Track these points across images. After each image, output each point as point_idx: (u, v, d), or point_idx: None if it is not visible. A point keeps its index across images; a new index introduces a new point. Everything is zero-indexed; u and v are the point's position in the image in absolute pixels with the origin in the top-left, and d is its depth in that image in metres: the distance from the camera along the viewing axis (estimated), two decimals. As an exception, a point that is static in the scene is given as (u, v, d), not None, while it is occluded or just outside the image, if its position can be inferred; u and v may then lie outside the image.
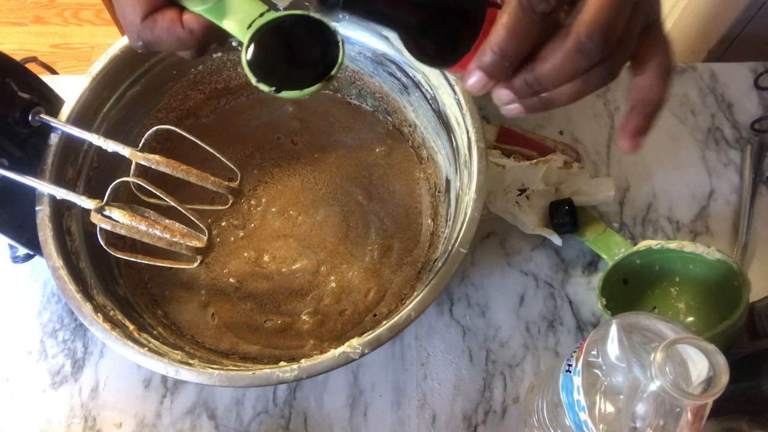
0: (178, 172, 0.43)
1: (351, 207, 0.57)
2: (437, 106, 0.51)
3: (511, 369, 0.53)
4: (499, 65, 0.30)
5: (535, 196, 0.56)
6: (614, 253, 0.54)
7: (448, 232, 0.49)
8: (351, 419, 0.51)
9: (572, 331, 0.54)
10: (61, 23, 1.78)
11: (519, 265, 0.57)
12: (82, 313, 0.42)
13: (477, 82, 0.31)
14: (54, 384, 0.53)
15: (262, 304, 0.53)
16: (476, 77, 0.31)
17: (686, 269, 0.51)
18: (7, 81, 0.43)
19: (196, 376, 0.40)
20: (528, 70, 0.31)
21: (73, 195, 0.43)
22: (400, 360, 0.53)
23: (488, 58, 0.30)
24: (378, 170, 0.58)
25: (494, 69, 0.30)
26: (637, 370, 0.34)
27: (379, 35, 0.51)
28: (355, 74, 0.57)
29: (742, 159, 0.61)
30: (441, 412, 0.52)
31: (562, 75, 0.31)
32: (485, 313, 0.55)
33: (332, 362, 0.40)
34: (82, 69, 0.61)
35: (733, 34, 0.95)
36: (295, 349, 0.51)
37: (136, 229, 0.42)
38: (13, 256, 0.53)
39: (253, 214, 0.57)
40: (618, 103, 0.64)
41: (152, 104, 0.55)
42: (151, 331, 0.47)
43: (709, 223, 0.59)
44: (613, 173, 0.61)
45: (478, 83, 0.31)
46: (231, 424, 0.51)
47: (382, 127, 0.60)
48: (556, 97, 0.32)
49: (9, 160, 0.44)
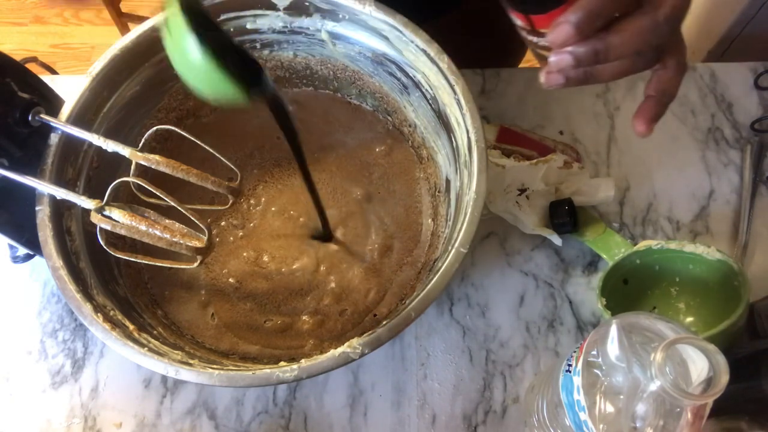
0: (178, 172, 0.43)
1: (351, 207, 0.57)
2: (437, 106, 0.51)
3: (511, 369, 0.53)
4: (590, 23, 0.32)
5: (535, 196, 0.56)
6: (614, 253, 0.54)
7: (448, 232, 0.49)
8: (351, 419, 0.51)
9: (572, 331, 0.54)
10: (61, 23, 1.78)
11: (519, 265, 0.57)
12: (82, 313, 0.42)
13: (563, 34, 0.32)
14: (54, 384, 0.53)
15: (262, 304, 0.53)
16: (564, 30, 0.32)
17: (686, 269, 0.51)
18: (7, 81, 0.43)
19: (196, 376, 0.40)
20: (600, 38, 0.33)
21: (73, 195, 0.43)
22: (400, 360, 0.53)
23: (583, 13, 0.32)
24: (378, 170, 0.58)
25: (584, 25, 0.32)
26: (637, 370, 0.34)
27: (379, 35, 0.51)
28: (355, 74, 0.57)
29: (742, 159, 0.61)
30: (441, 412, 0.52)
31: (627, 48, 0.33)
32: (485, 313, 0.55)
33: (332, 362, 0.40)
34: (82, 69, 0.61)
35: (733, 34, 0.95)
36: (295, 349, 0.51)
37: (136, 229, 0.42)
38: (13, 256, 0.54)
39: (252, 213, 0.57)
40: (618, 104, 0.64)
41: (152, 104, 0.55)
42: (151, 331, 0.47)
43: (709, 223, 0.59)
44: (613, 173, 0.61)
45: (562, 35, 0.32)
46: (231, 424, 0.51)
47: (382, 126, 0.60)
48: (602, 73, 0.35)
49: (9, 160, 0.44)
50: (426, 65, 0.50)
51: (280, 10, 0.53)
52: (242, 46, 0.35)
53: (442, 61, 0.48)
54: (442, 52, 0.48)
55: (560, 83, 0.36)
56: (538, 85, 0.37)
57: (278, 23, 0.54)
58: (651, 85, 0.37)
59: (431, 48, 0.48)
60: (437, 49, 0.48)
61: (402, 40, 0.50)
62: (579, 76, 0.35)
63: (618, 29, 0.33)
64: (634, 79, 0.66)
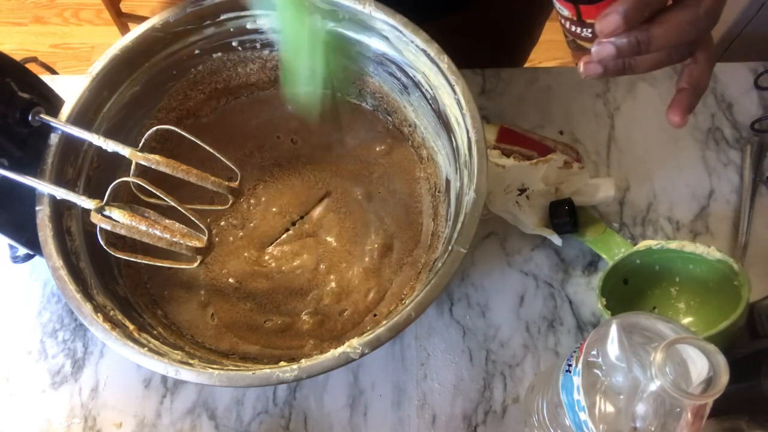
0: (178, 172, 0.43)
1: (351, 206, 0.57)
2: (437, 106, 0.51)
3: (511, 369, 0.53)
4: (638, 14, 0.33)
5: (535, 196, 0.56)
6: (614, 253, 0.54)
7: (448, 232, 0.49)
8: (351, 419, 0.51)
9: (572, 331, 0.54)
10: (61, 23, 1.78)
11: (519, 265, 0.57)
12: (82, 313, 0.42)
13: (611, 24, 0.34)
14: (54, 384, 0.53)
15: (262, 304, 0.53)
16: (612, 20, 0.34)
17: (686, 269, 0.51)
18: (7, 81, 0.43)
19: (196, 376, 0.40)
20: (643, 30, 0.34)
21: (73, 195, 0.43)
22: (400, 360, 0.53)
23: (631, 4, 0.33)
24: (378, 169, 0.58)
25: (632, 16, 0.33)
26: (637, 370, 0.34)
27: (379, 35, 0.51)
28: (355, 74, 0.57)
29: (742, 159, 0.61)
30: (441, 412, 0.52)
31: (668, 41, 0.35)
32: (485, 313, 0.55)
33: (332, 362, 0.40)
34: (82, 69, 0.61)
35: (733, 34, 0.95)
36: (295, 349, 0.51)
37: (136, 229, 0.42)
38: (13, 256, 0.53)
39: (252, 213, 0.57)
40: (618, 104, 0.64)
41: (152, 104, 0.55)
42: (151, 331, 0.47)
43: (709, 223, 0.59)
44: (613, 173, 0.61)
45: (611, 25, 0.34)
46: (231, 424, 0.51)
47: (382, 126, 0.60)
48: (639, 64, 0.37)
49: (9, 160, 0.44)
50: (426, 65, 0.50)
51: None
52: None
53: (442, 61, 0.48)
54: (442, 52, 0.48)
55: (598, 73, 0.37)
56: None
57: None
58: (683, 78, 0.38)
59: (431, 48, 0.48)
60: (437, 49, 0.48)
61: (402, 40, 0.50)
62: (618, 67, 0.37)
63: (661, 21, 0.34)
64: (634, 79, 0.66)
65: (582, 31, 0.40)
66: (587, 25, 0.39)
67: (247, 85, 0.60)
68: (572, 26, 0.41)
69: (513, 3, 0.74)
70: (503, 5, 0.72)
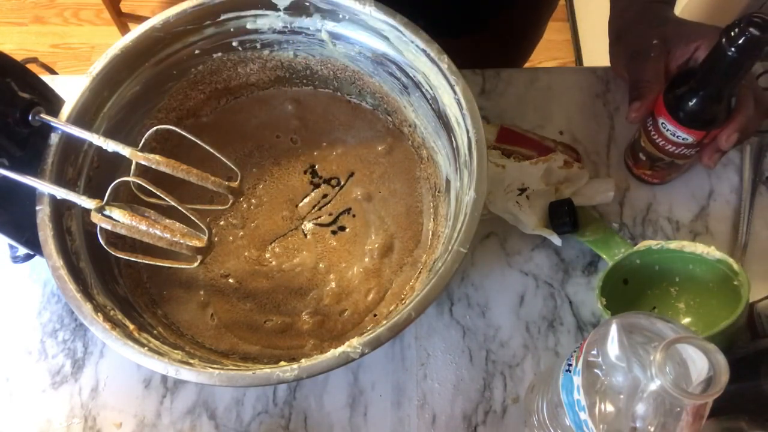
0: (178, 172, 0.43)
1: (351, 206, 0.57)
2: (437, 107, 0.51)
3: (511, 369, 0.53)
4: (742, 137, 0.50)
5: (535, 196, 0.56)
6: (614, 253, 0.54)
7: (448, 232, 0.49)
8: (351, 419, 0.51)
9: (572, 331, 0.54)
10: (61, 23, 1.78)
11: (519, 265, 0.57)
12: (82, 313, 0.42)
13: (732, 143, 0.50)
14: (54, 384, 0.53)
15: (262, 304, 0.53)
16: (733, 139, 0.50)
17: (686, 269, 0.51)
18: (7, 81, 0.43)
19: (196, 375, 0.40)
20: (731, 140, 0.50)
21: (73, 195, 0.43)
22: (400, 360, 0.53)
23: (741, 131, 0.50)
24: (378, 168, 0.58)
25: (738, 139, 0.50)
26: (637, 370, 0.34)
27: (379, 35, 0.52)
28: (355, 74, 0.57)
29: (742, 159, 0.61)
30: (441, 412, 0.52)
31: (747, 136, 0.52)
32: (485, 313, 0.55)
33: (332, 362, 0.40)
34: (82, 69, 0.61)
35: (733, 34, 0.94)
36: (295, 349, 0.51)
37: (137, 229, 0.42)
38: (13, 256, 0.53)
39: (252, 213, 0.57)
40: (618, 104, 0.64)
41: (152, 104, 0.55)
42: (151, 330, 0.47)
43: (709, 223, 0.59)
44: (613, 173, 0.61)
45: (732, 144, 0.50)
46: (231, 424, 0.51)
47: (382, 125, 0.60)
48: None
49: (9, 160, 0.44)
50: (426, 65, 0.50)
51: (281, 10, 0.53)
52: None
53: (442, 62, 0.48)
54: (443, 53, 0.48)
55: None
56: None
57: (278, 23, 0.54)
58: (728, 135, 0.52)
59: (431, 48, 0.48)
60: (437, 50, 0.48)
61: (402, 40, 0.50)
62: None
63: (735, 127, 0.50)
64: (634, 79, 0.66)
65: (689, 152, 0.52)
66: (697, 145, 0.51)
67: (247, 85, 0.60)
68: (684, 150, 0.52)
69: (528, 17, 0.75)
70: (520, 21, 0.73)
